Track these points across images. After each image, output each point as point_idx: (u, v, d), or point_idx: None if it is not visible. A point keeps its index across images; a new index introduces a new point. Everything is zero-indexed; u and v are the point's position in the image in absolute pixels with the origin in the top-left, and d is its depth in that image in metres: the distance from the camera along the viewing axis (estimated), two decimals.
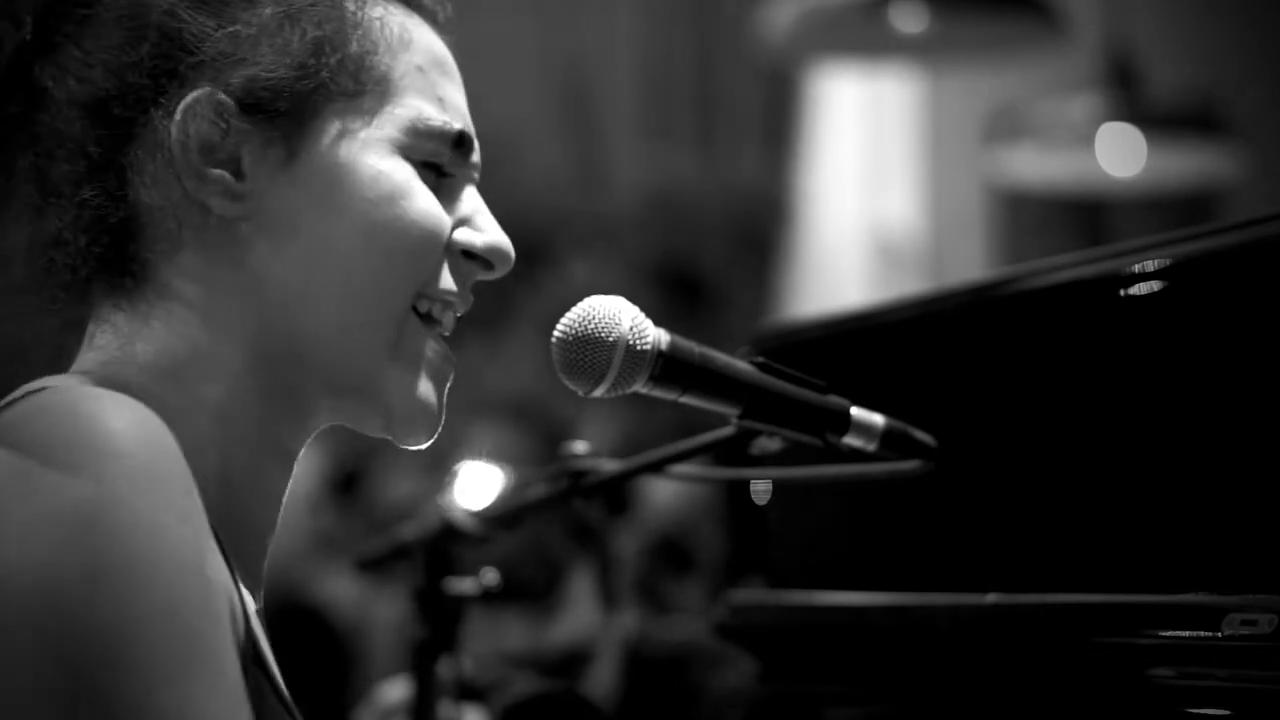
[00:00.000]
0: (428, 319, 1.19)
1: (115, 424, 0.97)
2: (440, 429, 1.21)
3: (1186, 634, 1.28)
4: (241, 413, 1.14)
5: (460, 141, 1.20)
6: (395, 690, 1.92)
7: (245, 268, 1.14)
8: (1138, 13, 3.93)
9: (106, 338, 1.14)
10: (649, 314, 1.23)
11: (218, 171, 1.13)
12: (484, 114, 1.24)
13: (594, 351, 1.20)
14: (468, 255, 1.21)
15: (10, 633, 0.93)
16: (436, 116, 1.19)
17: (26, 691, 0.92)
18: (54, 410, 0.99)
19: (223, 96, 1.13)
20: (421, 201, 1.17)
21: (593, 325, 1.20)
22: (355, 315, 1.15)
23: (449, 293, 1.19)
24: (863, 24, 3.51)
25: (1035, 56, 3.84)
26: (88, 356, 1.15)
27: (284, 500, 1.19)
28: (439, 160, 1.19)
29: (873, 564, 1.70)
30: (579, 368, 1.21)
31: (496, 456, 1.67)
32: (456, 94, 1.22)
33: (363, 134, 1.16)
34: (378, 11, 1.19)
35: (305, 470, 4.90)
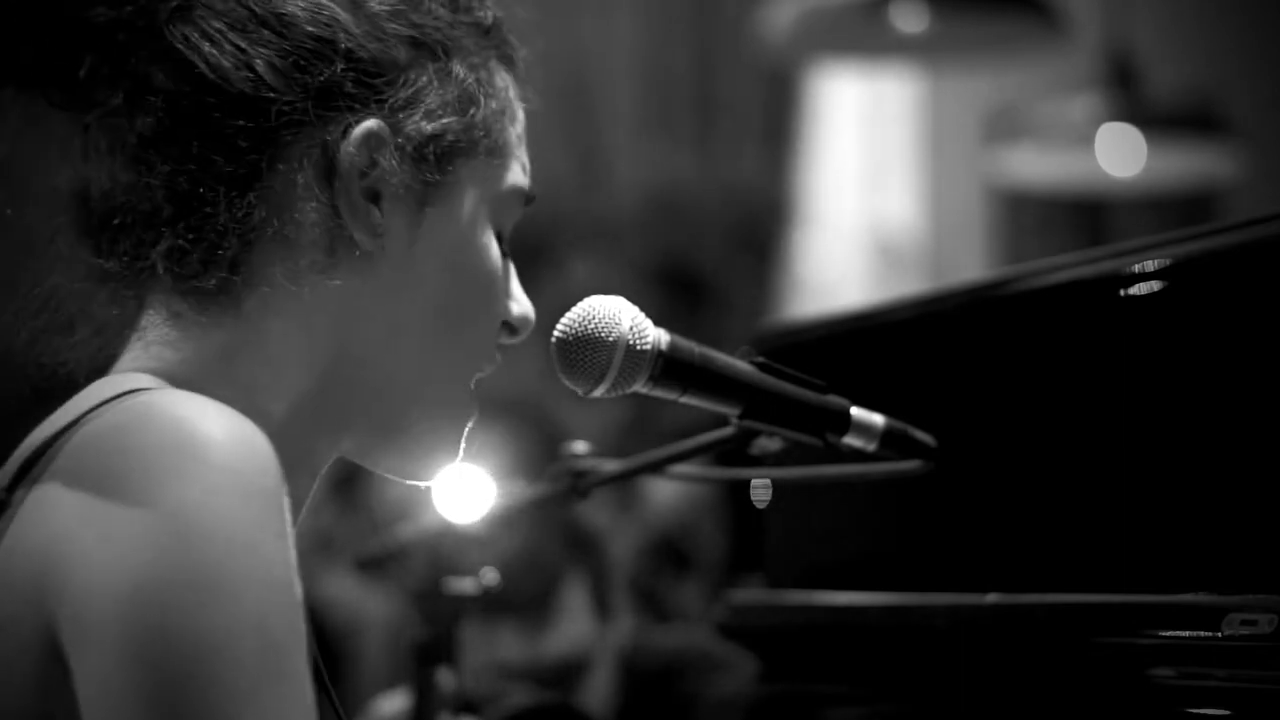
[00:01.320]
0: (475, 383, 1.22)
1: (220, 435, 0.98)
2: None
3: (1186, 634, 1.28)
4: (293, 430, 1.15)
5: (529, 201, 1.24)
6: (393, 702, 1.93)
7: (350, 299, 1.14)
8: (1138, 13, 3.93)
9: (177, 337, 1.13)
10: (649, 314, 1.23)
11: (370, 205, 1.14)
12: None
13: (594, 351, 1.21)
14: (504, 322, 1.23)
15: (106, 637, 0.94)
16: (526, 183, 1.23)
17: (114, 693, 0.93)
18: (158, 417, 0.99)
19: (392, 136, 1.14)
20: (503, 281, 1.21)
21: (593, 325, 1.21)
22: (435, 372, 1.18)
23: (492, 362, 1.23)
24: (863, 24, 3.51)
25: (1035, 56, 3.84)
26: (154, 352, 1.12)
27: (301, 516, 1.20)
28: (506, 226, 1.23)
29: (873, 564, 1.70)
30: (579, 368, 1.21)
31: (492, 458, 1.67)
32: (527, 157, 1.26)
33: (480, 196, 1.19)
34: (503, 79, 1.23)
35: None
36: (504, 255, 1.22)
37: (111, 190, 1.12)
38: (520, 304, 1.24)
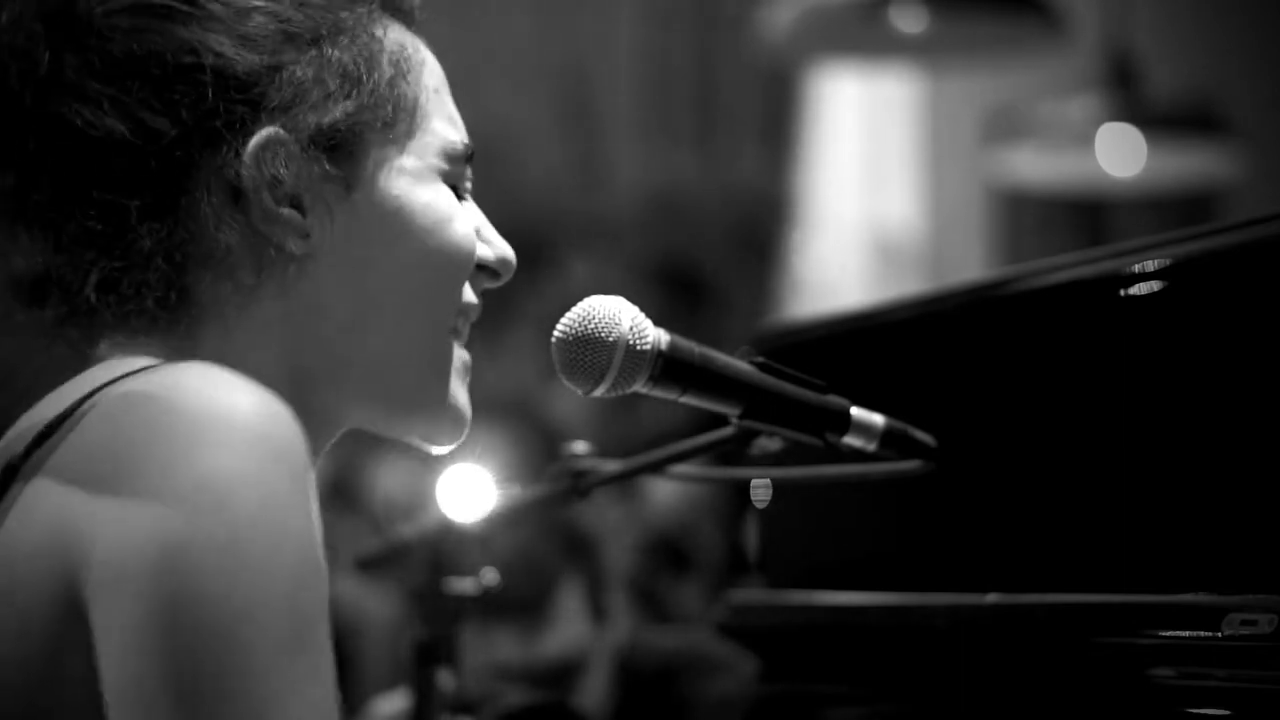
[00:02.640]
0: (453, 332, 1.21)
1: (251, 404, 0.98)
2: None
3: (1186, 634, 1.28)
4: None
5: (470, 157, 1.23)
6: (392, 703, 1.93)
7: (301, 299, 1.15)
8: (1138, 13, 3.93)
9: (140, 360, 1.13)
10: (649, 314, 1.23)
11: (289, 211, 1.14)
12: (484, 114, 1.25)
13: (594, 351, 1.21)
14: (479, 267, 1.22)
15: (132, 599, 0.93)
16: (456, 138, 1.21)
17: (137, 653, 0.93)
18: (189, 385, 0.99)
19: (286, 136, 1.13)
20: (463, 223, 1.20)
21: (593, 325, 1.21)
22: (410, 338, 1.18)
23: (473, 306, 1.22)
24: (863, 24, 3.51)
25: (1035, 56, 3.84)
26: (134, 361, 1.13)
27: None
28: (458, 182, 1.22)
29: (872, 564, 1.70)
30: (579, 368, 1.21)
31: (490, 457, 1.67)
32: (454, 107, 1.24)
33: (408, 162, 1.18)
34: (394, 36, 1.20)
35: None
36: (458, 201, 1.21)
37: (32, 256, 1.13)
38: (495, 246, 1.23)
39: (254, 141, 1.12)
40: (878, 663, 1.63)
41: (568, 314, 1.22)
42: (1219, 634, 1.25)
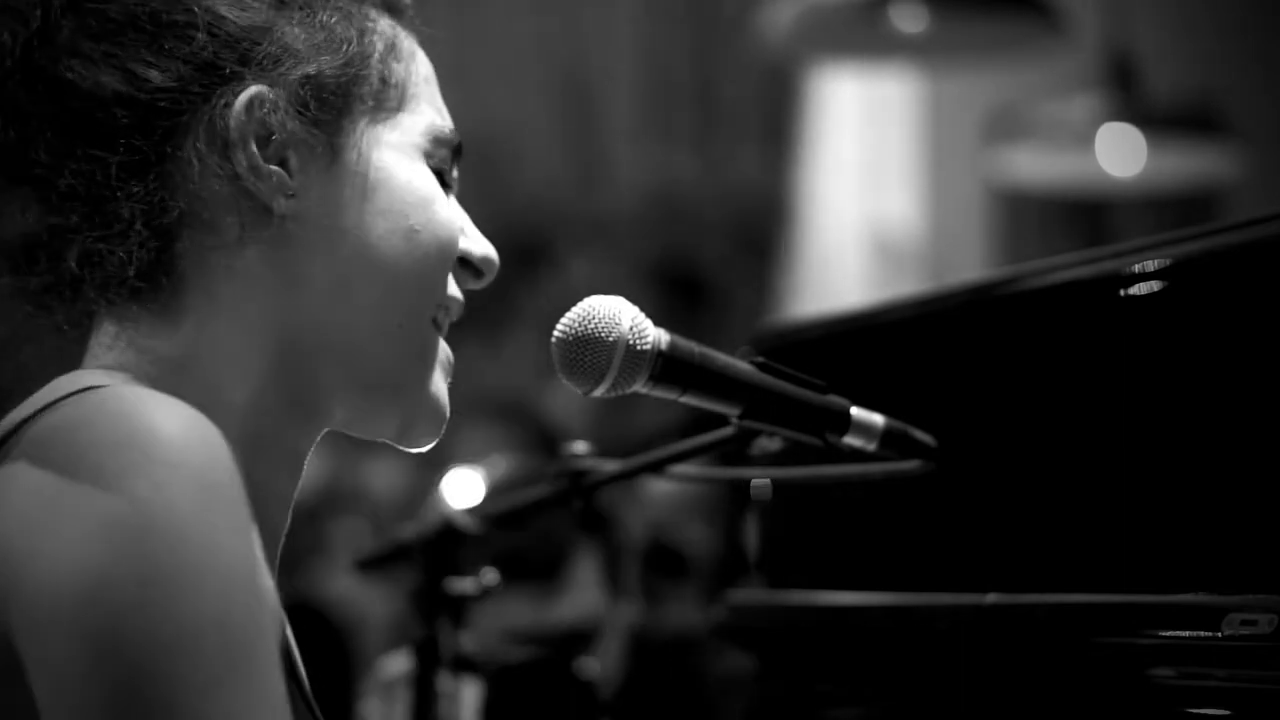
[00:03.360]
0: (434, 322, 1.21)
1: (171, 429, 0.97)
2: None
3: (1186, 634, 1.28)
4: (261, 416, 1.15)
5: (458, 150, 1.23)
6: (397, 663, 1.93)
7: (285, 266, 1.15)
8: (1138, 13, 3.93)
9: (128, 334, 1.14)
10: (649, 314, 1.23)
11: (275, 168, 1.14)
12: (484, 114, 1.26)
13: (594, 351, 1.21)
14: (462, 263, 1.22)
15: (60, 635, 0.93)
16: (445, 125, 1.22)
17: (74, 695, 0.92)
18: (109, 413, 0.99)
19: (274, 92, 1.14)
20: (446, 209, 1.20)
21: (593, 325, 1.21)
22: (391, 317, 1.18)
23: (455, 299, 1.22)
24: (863, 24, 3.51)
25: (1035, 56, 3.83)
26: (107, 353, 1.14)
27: (293, 502, 1.20)
28: (444, 168, 1.22)
29: (873, 564, 1.70)
30: (579, 367, 1.21)
31: (488, 455, 1.67)
32: (443, 102, 1.25)
33: (394, 138, 1.19)
34: (386, 24, 1.22)
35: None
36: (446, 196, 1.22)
37: (24, 216, 1.14)
38: (480, 243, 1.23)
39: (243, 96, 1.13)
40: (878, 663, 1.63)
41: (568, 314, 1.22)
42: (1219, 634, 1.25)
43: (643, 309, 1.23)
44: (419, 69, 1.23)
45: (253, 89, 1.14)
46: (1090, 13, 3.98)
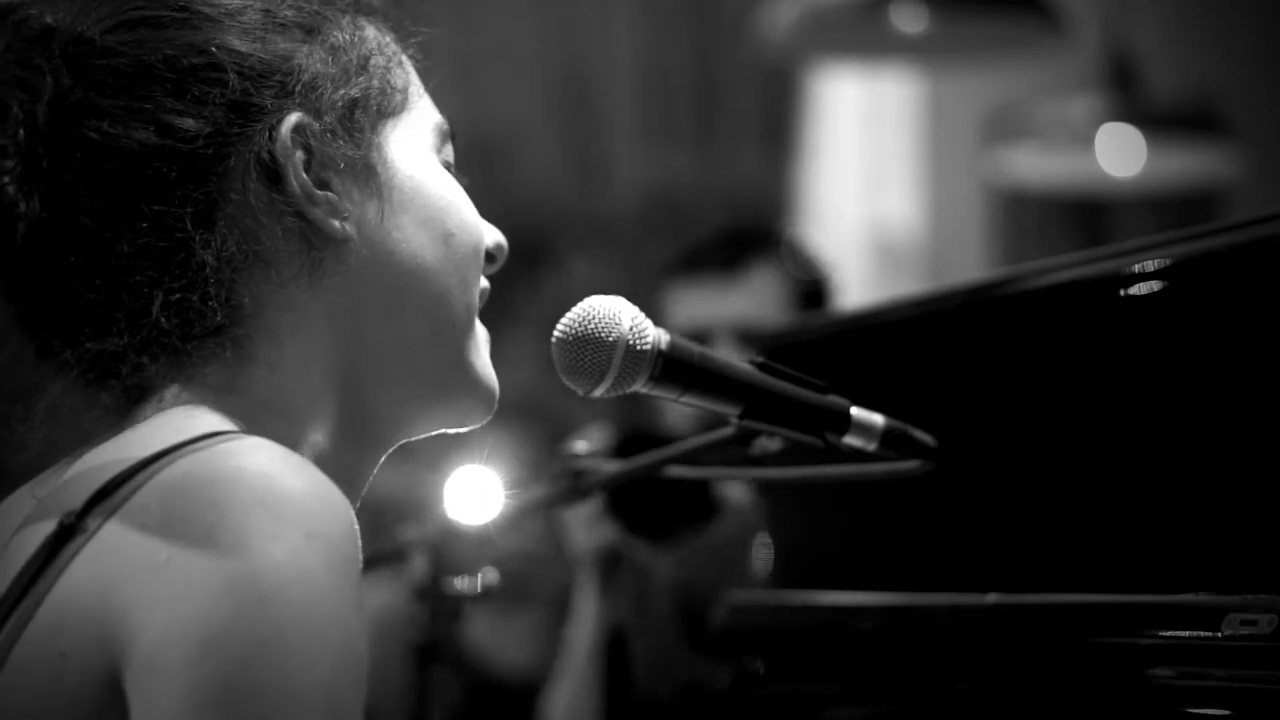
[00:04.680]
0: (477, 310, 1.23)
1: (308, 496, 0.98)
2: None
3: (1186, 634, 1.28)
4: (336, 448, 1.15)
5: (453, 135, 1.25)
6: (378, 592, 1.91)
7: (343, 294, 1.15)
8: (1138, 13, 3.92)
9: (207, 378, 1.12)
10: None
11: (325, 193, 1.14)
12: (484, 114, 1.26)
13: (594, 351, 1.21)
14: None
15: (172, 684, 0.93)
16: (439, 117, 1.24)
17: None
18: (245, 471, 0.99)
19: (310, 119, 1.14)
20: (470, 208, 1.22)
21: (593, 325, 1.21)
22: (443, 322, 1.19)
23: (485, 288, 1.24)
24: (863, 24, 3.51)
25: (1035, 56, 3.83)
26: (196, 393, 1.12)
27: None
28: (449, 161, 1.24)
29: (873, 564, 1.70)
30: (579, 367, 1.21)
31: (497, 457, 1.67)
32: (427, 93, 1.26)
33: (411, 143, 1.20)
34: (374, 30, 1.23)
35: None
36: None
37: (70, 294, 1.12)
38: (492, 232, 1.25)
39: (285, 126, 1.13)
40: (878, 663, 1.62)
41: (568, 314, 1.22)
42: (1219, 634, 1.25)
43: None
44: (408, 66, 1.23)
45: (293, 118, 1.13)
46: (1090, 13, 3.98)
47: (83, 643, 0.97)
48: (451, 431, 1.24)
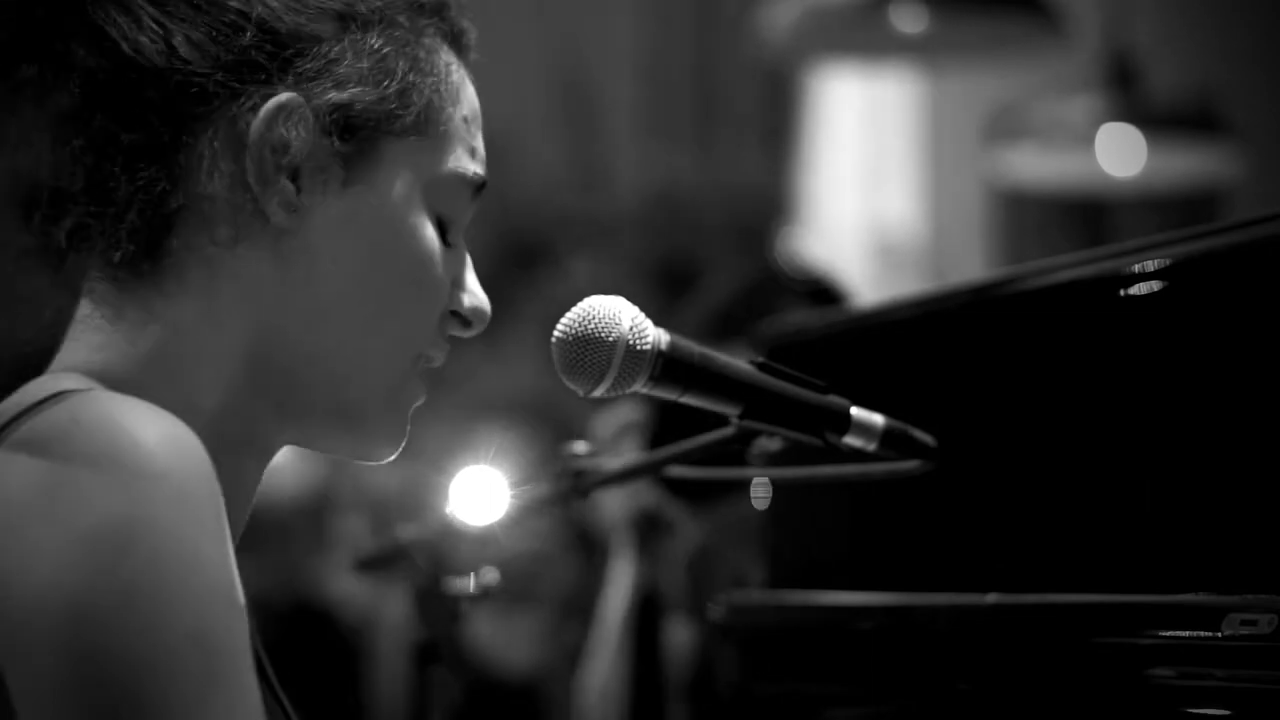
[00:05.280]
0: (414, 364, 1.20)
1: (153, 441, 0.96)
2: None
3: (1186, 634, 1.28)
4: (228, 422, 1.13)
5: (481, 188, 1.21)
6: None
7: (274, 280, 1.13)
8: (1138, 13, 3.92)
9: (105, 325, 1.11)
10: (649, 314, 1.23)
11: (285, 181, 1.12)
12: (484, 114, 1.24)
13: (594, 351, 1.21)
14: (453, 312, 1.21)
15: (41, 653, 0.93)
16: (472, 168, 1.20)
17: (49, 706, 0.92)
18: (89, 422, 0.98)
19: (303, 104, 1.12)
20: (438, 267, 1.17)
21: (592, 325, 1.21)
22: (367, 356, 1.16)
23: (437, 351, 1.21)
24: (863, 24, 3.51)
25: (1035, 56, 3.83)
26: (85, 343, 1.11)
27: (250, 508, 1.19)
28: (453, 214, 1.19)
29: (873, 564, 1.70)
30: (579, 368, 1.21)
31: (502, 458, 1.67)
32: (482, 143, 1.23)
33: (412, 177, 1.16)
34: (445, 58, 1.19)
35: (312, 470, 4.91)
36: (449, 245, 1.19)
37: (35, 166, 1.11)
38: (473, 296, 1.21)
39: (271, 102, 1.11)
40: (878, 663, 1.63)
41: (567, 314, 1.22)
42: (1219, 634, 1.25)
43: (643, 309, 1.23)
44: (461, 110, 1.19)
45: (282, 96, 1.11)
46: (1090, 13, 3.98)
47: None
48: (347, 458, 1.22)
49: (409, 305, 1.17)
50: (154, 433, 0.97)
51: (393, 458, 1.21)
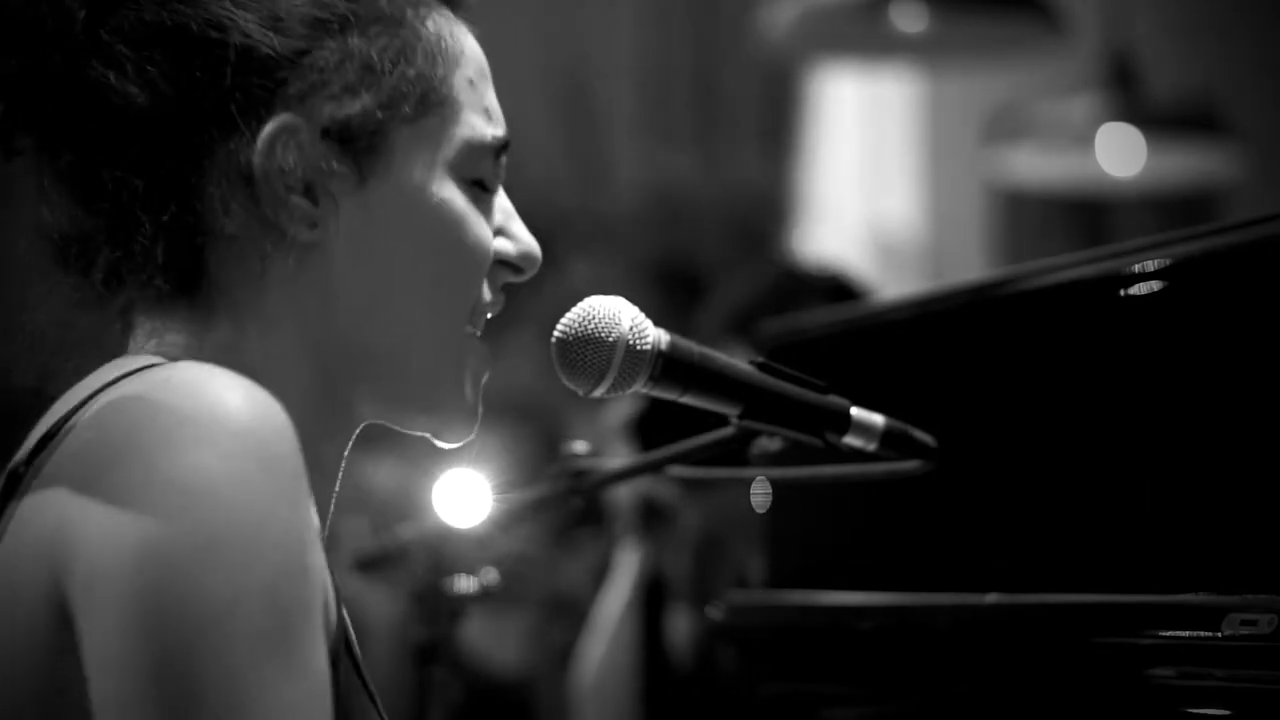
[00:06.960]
0: (469, 327, 1.21)
1: (238, 401, 0.98)
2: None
3: (1186, 634, 1.28)
4: (299, 420, 1.14)
5: (504, 147, 1.22)
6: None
7: (314, 290, 1.15)
8: (1138, 13, 3.92)
9: (172, 335, 1.14)
10: (649, 314, 1.23)
11: (298, 199, 1.13)
12: None
13: (594, 351, 1.21)
14: (501, 262, 1.22)
15: (112, 594, 0.94)
16: (488, 131, 1.20)
17: (118, 655, 0.93)
18: (176, 384, 0.99)
19: (301, 123, 1.13)
20: (477, 228, 1.19)
21: (592, 325, 1.21)
22: (422, 333, 1.18)
23: (490, 303, 1.22)
24: (863, 24, 3.50)
25: (1035, 56, 3.83)
26: (154, 343, 1.14)
27: (331, 507, 1.21)
28: (484, 176, 1.20)
29: (873, 564, 1.70)
30: (579, 368, 1.21)
31: (495, 458, 1.67)
32: (495, 98, 1.23)
33: (427, 157, 1.17)
34: (434, 26, 1.19)
35: None
36: (478, 200, 1.20)
37: (58, 218, 1.15)
38: (520, 242, 1.23)
39: (269, 128, 1.12)
40: (878, 663, 1.62)
41: (568, 314, 1.22)
42: (1219, 634, 1.25)
43: (643, 309, 1.23)
44: (465, 72, 1.20)
45: (278, 121, 1.12)
46: (1090, 13, 3.98)
47: (33, 577, 0.98)
48: (431, 439, 1.23)
49: (451, 272, 1.18)
50: (240, 394, 0.99)
51: (470, 437, 1.22)
